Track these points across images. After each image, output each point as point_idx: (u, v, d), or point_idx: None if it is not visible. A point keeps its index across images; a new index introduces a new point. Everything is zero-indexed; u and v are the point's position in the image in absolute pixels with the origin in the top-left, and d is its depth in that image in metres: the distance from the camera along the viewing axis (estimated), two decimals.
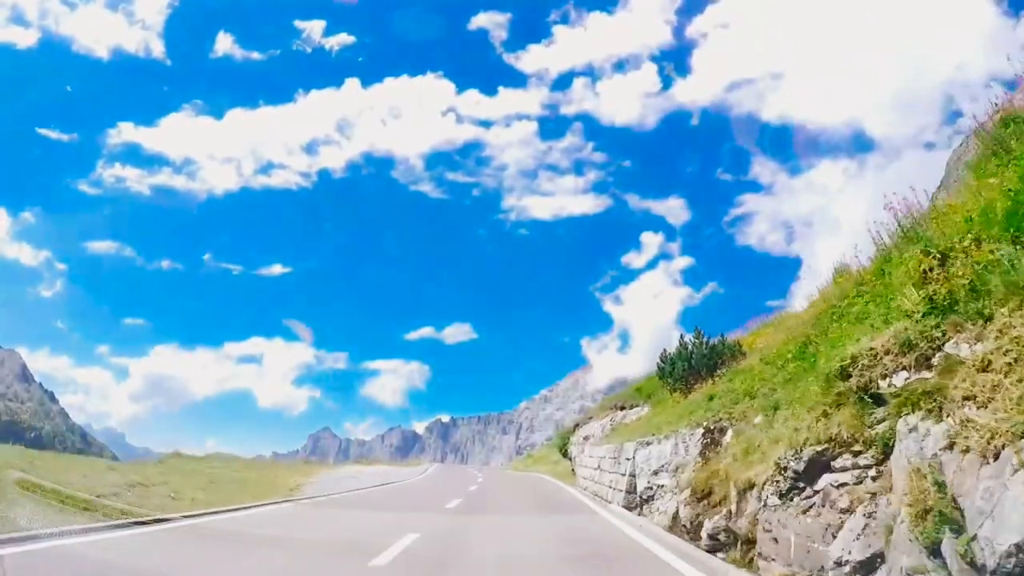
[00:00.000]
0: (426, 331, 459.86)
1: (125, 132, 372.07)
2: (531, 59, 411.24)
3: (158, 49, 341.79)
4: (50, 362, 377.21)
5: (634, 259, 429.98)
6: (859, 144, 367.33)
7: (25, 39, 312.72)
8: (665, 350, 22.34)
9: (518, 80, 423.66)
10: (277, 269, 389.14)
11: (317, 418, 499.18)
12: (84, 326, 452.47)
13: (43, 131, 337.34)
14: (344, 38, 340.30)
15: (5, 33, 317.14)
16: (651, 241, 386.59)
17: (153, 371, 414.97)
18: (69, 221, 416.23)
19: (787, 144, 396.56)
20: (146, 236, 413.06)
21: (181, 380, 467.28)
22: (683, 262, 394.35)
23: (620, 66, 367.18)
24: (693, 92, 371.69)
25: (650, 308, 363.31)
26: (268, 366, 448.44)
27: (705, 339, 20.06)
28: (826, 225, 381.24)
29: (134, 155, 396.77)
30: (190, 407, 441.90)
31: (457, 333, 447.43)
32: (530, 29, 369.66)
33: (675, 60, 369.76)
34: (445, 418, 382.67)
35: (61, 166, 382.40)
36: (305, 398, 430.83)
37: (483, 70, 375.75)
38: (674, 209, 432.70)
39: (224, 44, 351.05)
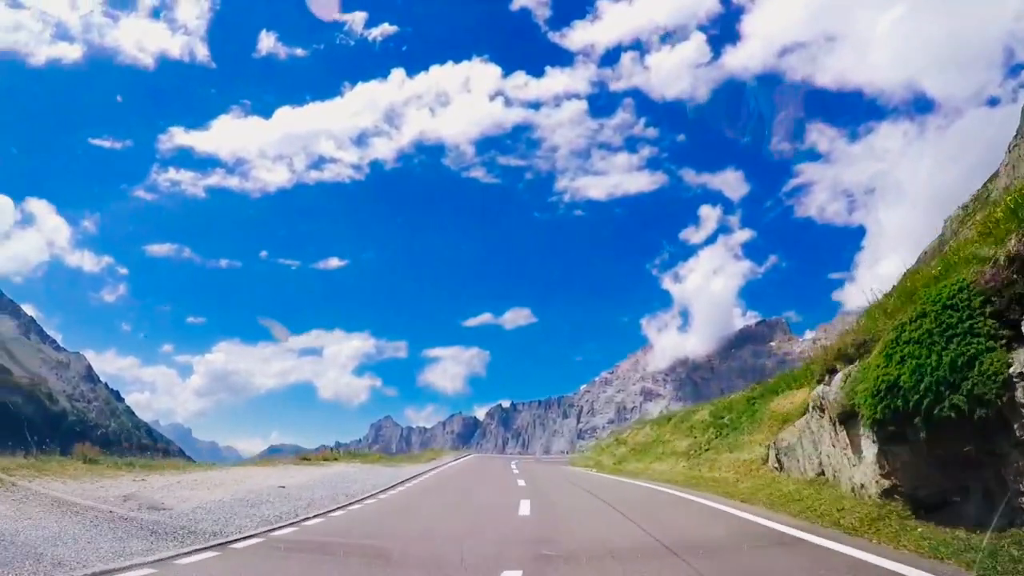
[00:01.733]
0: (485, 317, 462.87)
1: (176, 137, 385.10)
2: (576, 36, 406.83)
3: (202, 53, 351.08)
4: (116, 363, 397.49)
5: (692, 235, 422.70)
6: (918, 105, 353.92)
7: (71, 53, 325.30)
8: None
9: (564, 59, 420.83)
10: (334, 262, 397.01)
11: (378, 407, 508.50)
12: (148, 327, 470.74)
13: (96, 141, 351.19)
14: (386, 28, 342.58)
15: (52, 49, 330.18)
16: (709, 215, 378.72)
17: (216, 367, 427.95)
18: (128, 226, 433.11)
19: (844, 109, 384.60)
20: (203, 236, 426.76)
21: (244, 375, 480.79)
22: (743, 235, 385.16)
23: (667, 37, 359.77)
24: (744, 60, 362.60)
25: (710, 284, 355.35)
26: (328, 358, 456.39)
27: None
28: (889, 192, 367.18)
29: (187, 158, 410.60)
30: (253, 400, 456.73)
31: (516, 318, 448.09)
32: (573, 5, 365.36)
33: (724, 28, 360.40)
34: (506, 403, 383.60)
35: (116, 174, 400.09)
36: (366, 388, 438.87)
37: (528, 51, 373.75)
38: (731, 182, 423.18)
39: (267, 43, 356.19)
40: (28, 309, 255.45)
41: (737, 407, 28.23)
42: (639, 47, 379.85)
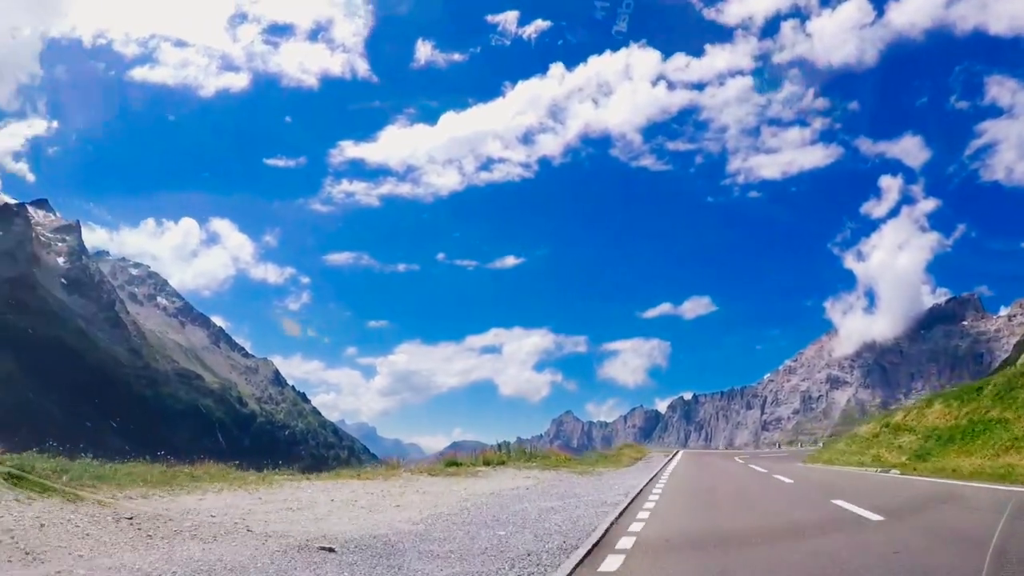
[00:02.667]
0: (664, 308, 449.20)
1: (347, 150, 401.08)
2: (733, 10, 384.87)
3: (363, 68, 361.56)
4: (302, 367, 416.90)
5: (874, 208, 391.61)
6: None
7: (238, 82, 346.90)
8: None
9: (723, 35, 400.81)
10: (510, 261, 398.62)
11: (559, 402, 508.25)
12: (331, 331, 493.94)
13: (270, 161, 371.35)
14: (540, 24, 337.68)
15: (220, 80, 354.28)
16: (891, 185, 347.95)
17: (399, 367, 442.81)
18: (307, 238, 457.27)
19: (1023, 57, 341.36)
20: (380, 243, 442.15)
21: (426, 374, 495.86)
22: (928, 205, 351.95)
23: (827, 0, 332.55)
24: (910, 15, 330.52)
25: (896, 260, 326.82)
26: (508, 355, 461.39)
27: None
28: None
29: (358, 170, 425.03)
30: (436, 399, 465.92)
31: (696, 307, 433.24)
32: None
33: None
34: (687, 395, 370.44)
35: (292, 190, 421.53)
36: (546, 383, 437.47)
37: (685, 31, 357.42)
38: (910, 149, 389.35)
39: (424, 52, 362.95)
40: (217, 320, 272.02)
41: None
42: (798, 14, 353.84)
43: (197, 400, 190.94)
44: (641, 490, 15.37)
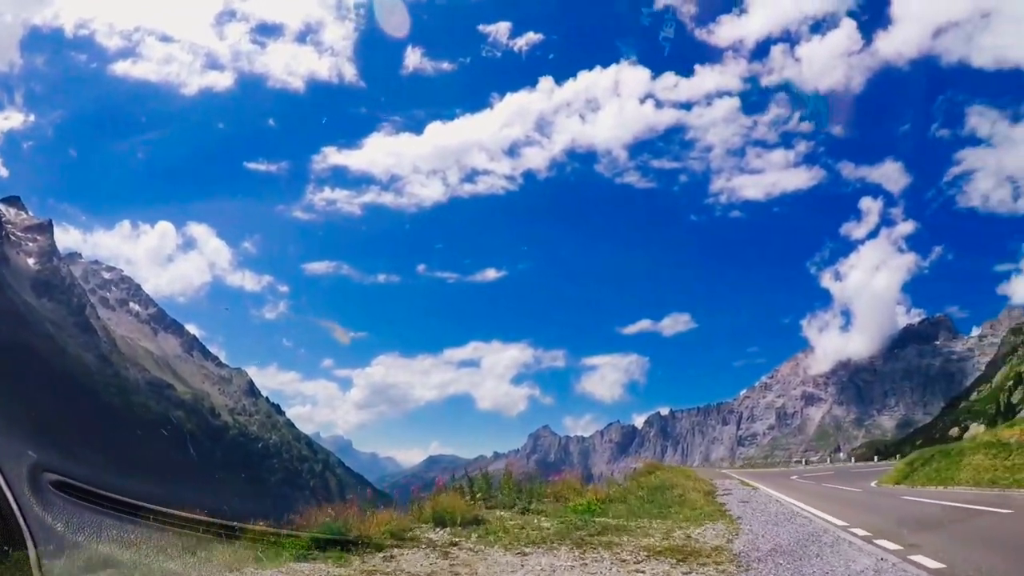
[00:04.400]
0: (643, 324, 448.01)
1: (330, 156, 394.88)
2: (724, 32, 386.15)
3: (350, 73, 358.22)
4: (278, 378, 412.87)
5: (854, 229, 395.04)
6: None
7: (223, 81, 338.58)
8: None
9: (713, 56, 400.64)
10: (491, 274, 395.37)
11: (536, 417, 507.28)
12: (308, 342, 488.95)
13: (251, 165, 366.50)
14: (532, 37, 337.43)
15: (204, 79, 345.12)
16: (871, 207, 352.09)
17: (376, 380, 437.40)
18: (286, 246, 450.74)
19: (1004, 89, 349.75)
20: (361, 253, 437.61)
21: (403, 387, 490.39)
22: (906, 228, 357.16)
23: (817, 27, 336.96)
24: (897, 45, 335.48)
25: (872, 280, 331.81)
26: (486, 368, 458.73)
27: None
28: None
29: (341, 177, 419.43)
30: (413, 413, 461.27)
31: (675, 324, 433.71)
32: None
33: (874, 12, 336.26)
34: (664, 411, 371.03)
35: (273, 195, 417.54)
36: (524, 397, 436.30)
37: (676, 50, 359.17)
38: (890, 173, 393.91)
39: (413, 59, 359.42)
40: (191, 328, 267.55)
41: None
42: (789, 39, 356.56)
43: (168, 410, 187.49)
44: None
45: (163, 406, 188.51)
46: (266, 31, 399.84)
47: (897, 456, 76.77)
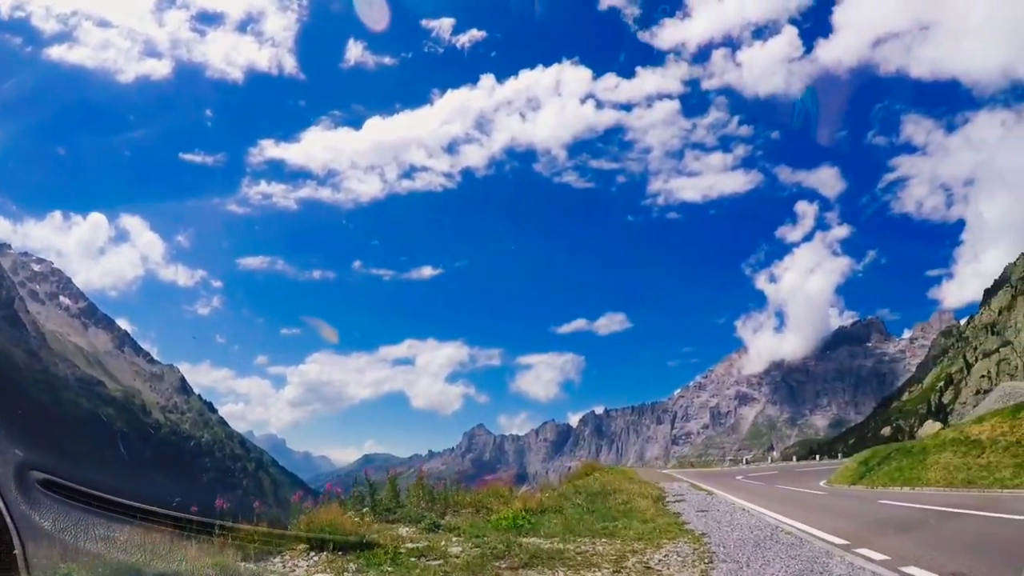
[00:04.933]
0: (579, 323, 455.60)
1: (267, 149, 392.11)
2: (667, 35, 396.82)
3: (290, 65, 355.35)
4: (211, 375, 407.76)
5: (789, 232, 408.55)
6: (1016, 93, 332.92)
7: (160, 69, 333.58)
8: None
9: (655, 58, 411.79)
10: (427, 272, 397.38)
11: (471, 415, 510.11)
12: (242, 339, 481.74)
13: (186, 156, 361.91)
14: (475, 34, 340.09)
15: (141, 66, 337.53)
16: (807, 211, 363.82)
17: (310, 378, 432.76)
18: (221, 240, 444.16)
19: (939, 100, 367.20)
20: (296, 248, 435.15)
21: (338, 385, 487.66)
22: (841, 232, 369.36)
23: (759, 33, 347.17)
24: (837, 53, 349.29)
25: (807, 283, 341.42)
26: (421, 367, 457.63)
27: None
28: (989, 183, 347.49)
29: (278, 171, 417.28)
30: (348, 411, 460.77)
31: (610, 323, 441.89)
32: (662, 2, 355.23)
33: (816, 20, 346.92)
34: (599, 410, 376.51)
35: (207, 188, 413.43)
36: (459, 396, 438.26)
37: (619, 52, 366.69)
38: (827, 179, 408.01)
39: (355, 52, 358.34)
40: (123, 323, 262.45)
41: None
42: (730, 44, 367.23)
43: (98, 408, 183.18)
44: None
45: (93, 403, 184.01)
46: (207, 19, 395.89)
47: (840, 455, 79.64)
